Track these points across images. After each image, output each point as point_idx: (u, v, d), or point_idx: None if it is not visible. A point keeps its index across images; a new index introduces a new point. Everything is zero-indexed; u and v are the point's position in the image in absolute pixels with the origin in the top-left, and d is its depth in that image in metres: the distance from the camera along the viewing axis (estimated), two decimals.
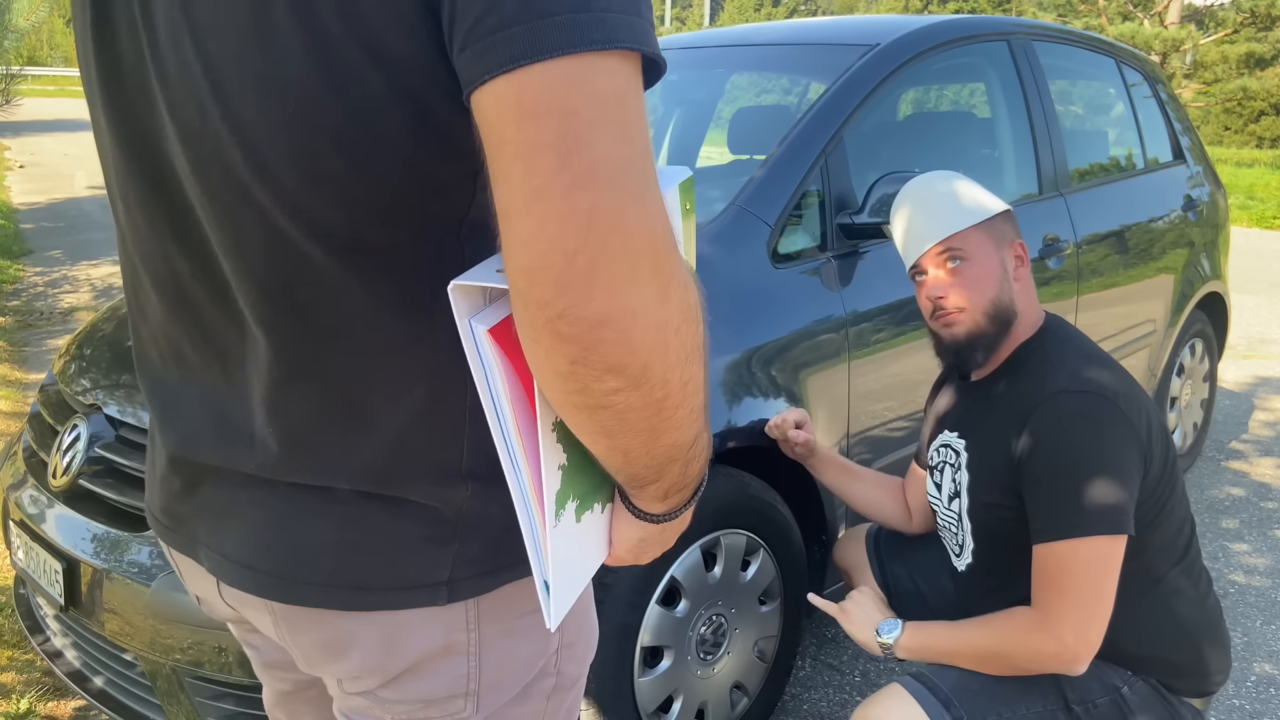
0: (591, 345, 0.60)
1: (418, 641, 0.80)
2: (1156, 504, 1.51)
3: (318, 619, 0.81)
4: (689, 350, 0.66)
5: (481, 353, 0.69)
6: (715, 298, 1.96)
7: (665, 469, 0.74)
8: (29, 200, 9.93)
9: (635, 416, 0.66)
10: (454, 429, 0.76)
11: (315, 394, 0.75)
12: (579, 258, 0.58)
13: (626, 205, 0.59)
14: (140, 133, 0.77)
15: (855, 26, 2.78)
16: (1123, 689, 1.51)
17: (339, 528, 0.77)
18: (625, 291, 0.60)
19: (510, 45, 0.58)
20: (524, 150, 0.58)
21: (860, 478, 1.94)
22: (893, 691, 1.51)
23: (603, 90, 0.59)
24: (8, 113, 9.39)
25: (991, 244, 1.60)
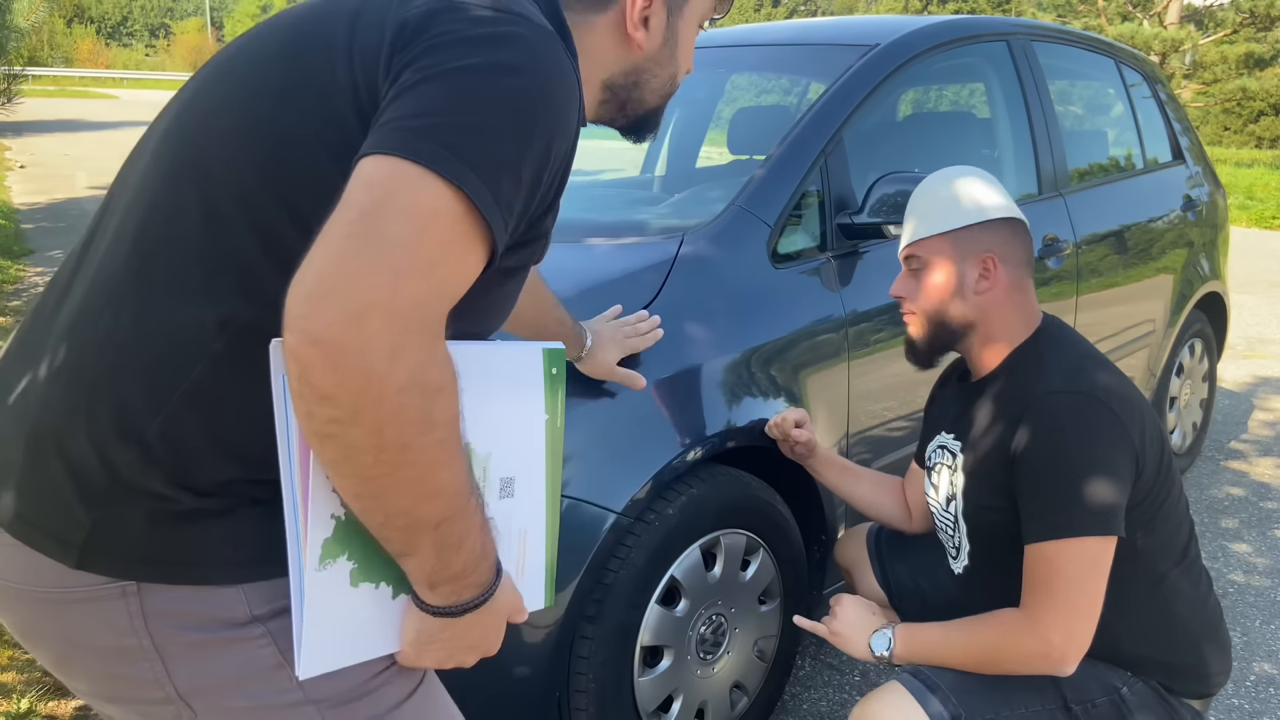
0: (306, 362, 0.71)
1: (87, 630, 0.86)
2: (1152, 506, 1.51)
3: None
4: (414, 418, 0.74)
5: (287, 402, 0.78)
6: (715, 298, 1.97)
7: (412, 541, 0.80)
8: (30, 200, 9.93)
9: (359, 459, 0.74)
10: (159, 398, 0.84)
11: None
12: (322, 284, 0.71)
13: (380, 270, 0.71)
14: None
15: (855, 27, 2.79)
16: (1122, 689, 1.52)
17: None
18: (345, 324, 0.70)
19: (395, 141, 0.76)
20: (344, 205, 0.74)
21: (860, 477, 1.94)
22: (891, 689, 1.51)
23: (421, 201, 0.74)
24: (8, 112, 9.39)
25: (953, 255, 1.61)
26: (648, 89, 1.10)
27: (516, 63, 0.82)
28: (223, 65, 0.95)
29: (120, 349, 0.84)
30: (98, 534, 0.83)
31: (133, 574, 0.84)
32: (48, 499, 0.85)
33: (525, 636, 1.65)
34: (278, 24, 0.95)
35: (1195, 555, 1.59)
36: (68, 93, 34.33)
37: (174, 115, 0.95)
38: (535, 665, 1.67)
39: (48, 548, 0.85)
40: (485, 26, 0.83)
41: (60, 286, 0.94)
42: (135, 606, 0.84)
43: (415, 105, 0.78)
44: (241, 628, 0.86)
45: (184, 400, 0.83)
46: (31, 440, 0.86)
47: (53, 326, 0.90)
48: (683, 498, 1.80)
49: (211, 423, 0.84)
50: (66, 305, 0.91)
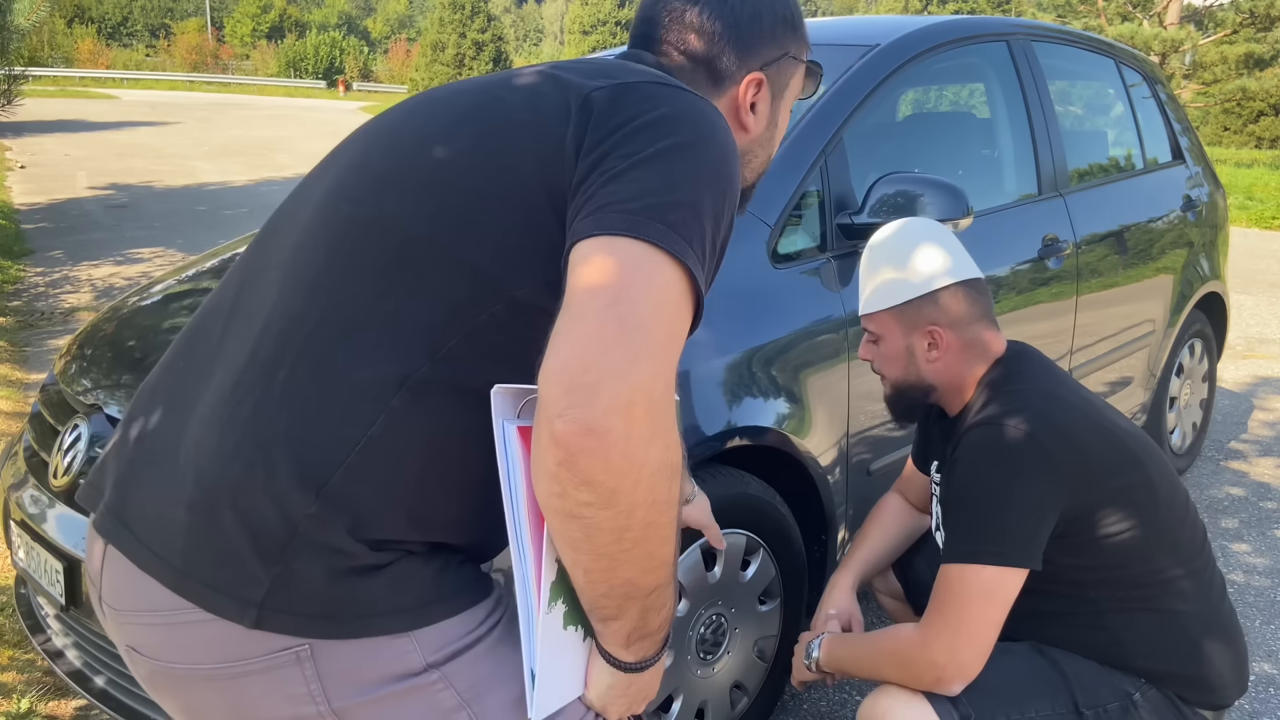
0: (576, 450, 0.73)
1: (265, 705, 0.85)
2: (1138, 530, 1.50)
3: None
4: (659, 498, 0.78)
5: (508, 448, 0.82)
6: (715, 298, 1.97)
7: (624, 606, 0.84)
8: (30, 200, 9.93)
9: (601, 538, 0.77)
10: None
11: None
12: (589, 373, 0.73)
13: (641, 355, 0.75)
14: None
15: (855, 27, 2.79)
16: (1135, 695, 1.52)
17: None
18: (617, 414, 0.73)
19: (623, 222, 0.80)
20: (587, 290, 0.76)
21: (884, 541, 1.92)
22: (901, 686, 1.51)
23: (659, 282, 0.79)
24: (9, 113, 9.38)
25: (900, 329, 1.64)
26: (749, 168, 1.16)
27: (704, 137, 0.88)
28: (387, 132, 0.98)
29: (300, 404, 0.84)
30: (276, 590, 0.82)
31: (310, 631, 0.83)
32: (222, 556, 0.83)
33: None
34: (446, 95, 0.99)
35: (1204, 566, 1.58)
36: (68, 93, 34.34)
37: (336, 178, 0.97)
38: None
39: (223, 607, 0.83)
40: (666, 105, 0.89)
41: (211, 338, 0.94)
42: (311, 671, 0.84)
43: (632, 188, 0.82)
44: (418, 676, 0.86)
45: (362, 454, 0.83)
46: (203, 497, 0.84)
47: (210, 379, 0.89)
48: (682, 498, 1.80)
49: (387, 477, 0.84)
50: (224, 357, 0.90)
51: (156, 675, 0.88)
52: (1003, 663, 1.50)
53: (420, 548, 0.87)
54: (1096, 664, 1.54)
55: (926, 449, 1.85)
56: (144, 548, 0.86)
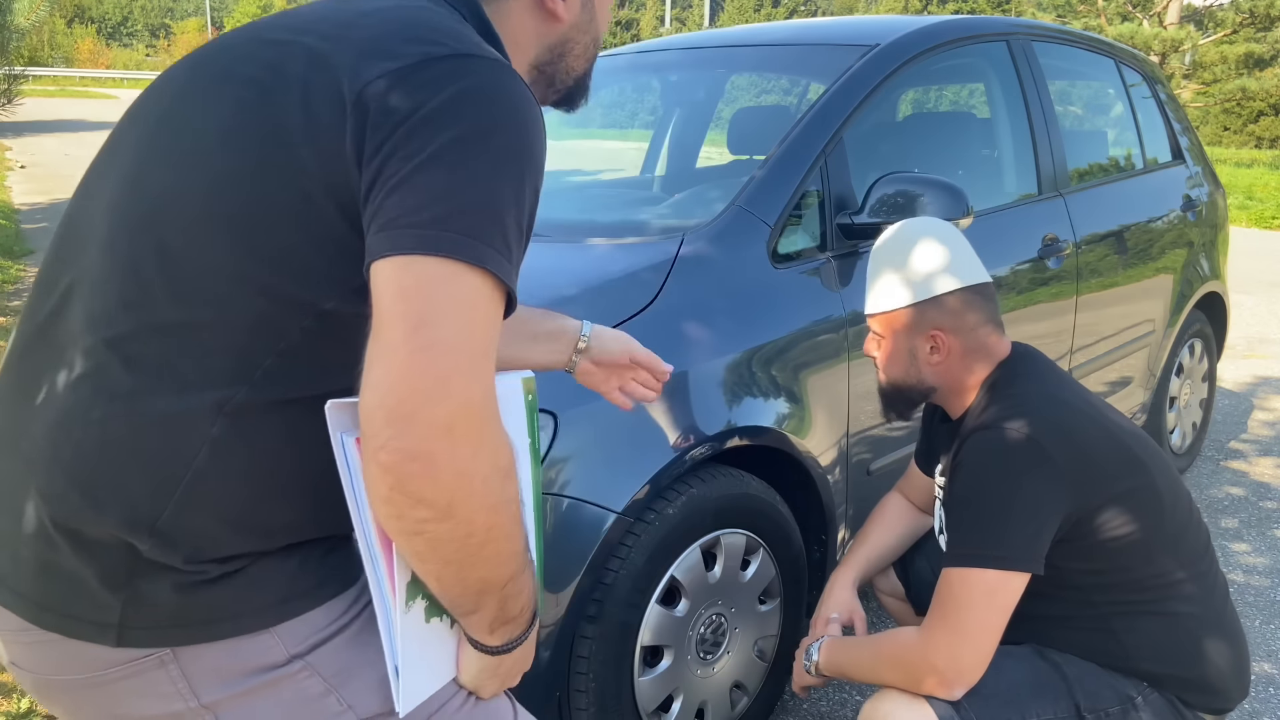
0: (404, 476, 0.75)
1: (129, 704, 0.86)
2: (1140, 534, 1.50)
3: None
4: (495, 500, 0.79)
5: (349, 460, 0.83)
6: (715, 297, 1.97)
7: (481, 601, 0.86)
8: (30, 200, 9.93)
9: (446, 548, 0.79)
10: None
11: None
12: (405, 404, 0.74)
13: (453, 377, 0.75)
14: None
15: (855, 27, 2.79)
16: (1136, 699, 1.52)
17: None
18: (435, 438, 0.75)
19: (415, 240, 0.78)
20: (391, 318, 0.76)
21: (884, 541, 1.93)
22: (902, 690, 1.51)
23: (461, 294, 0.78)
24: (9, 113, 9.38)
25: (903, 331, 1.64)
26: (573, 57, 1.11)
27: (494, 119, 0.83)
28: (161, 132, 0.92)
29: (117, 445, 0.83)
30: (130, 611, 0.84)
31: (169, 640, 0.84)
32: (71, 587, 0.85)
33: None
34: (214, 78, 0.91)
35: (1207, 570, 1.58)
36: (68, 93, 34.33)
37: (115, 198, 0.91)
38: (535, 665, 1.67)
39: (83, 632, 0.85)
40: (448, 86, 0.83)
41: (29, 366, 0.91)
42: (176, 672, 0.85)
43: (417, 197, 0.79)
44: (282, 668, 0.87)
45: (189, 488, 0.83)
46: (41, 534, 0.85)
47: (33, 410, 0.88)
48: (683, 498, 1.80)
49: (221, 504, 0.84)
50: (44, 389, 0.88)
51: (39, 686, 0.91)
52: (1004, 666, 1.50)
53: (272, 550, 0.87)
54: (1098, 667, 1.54)
55: (930, 451, 1.85)
56: (4, 586, 0.88)
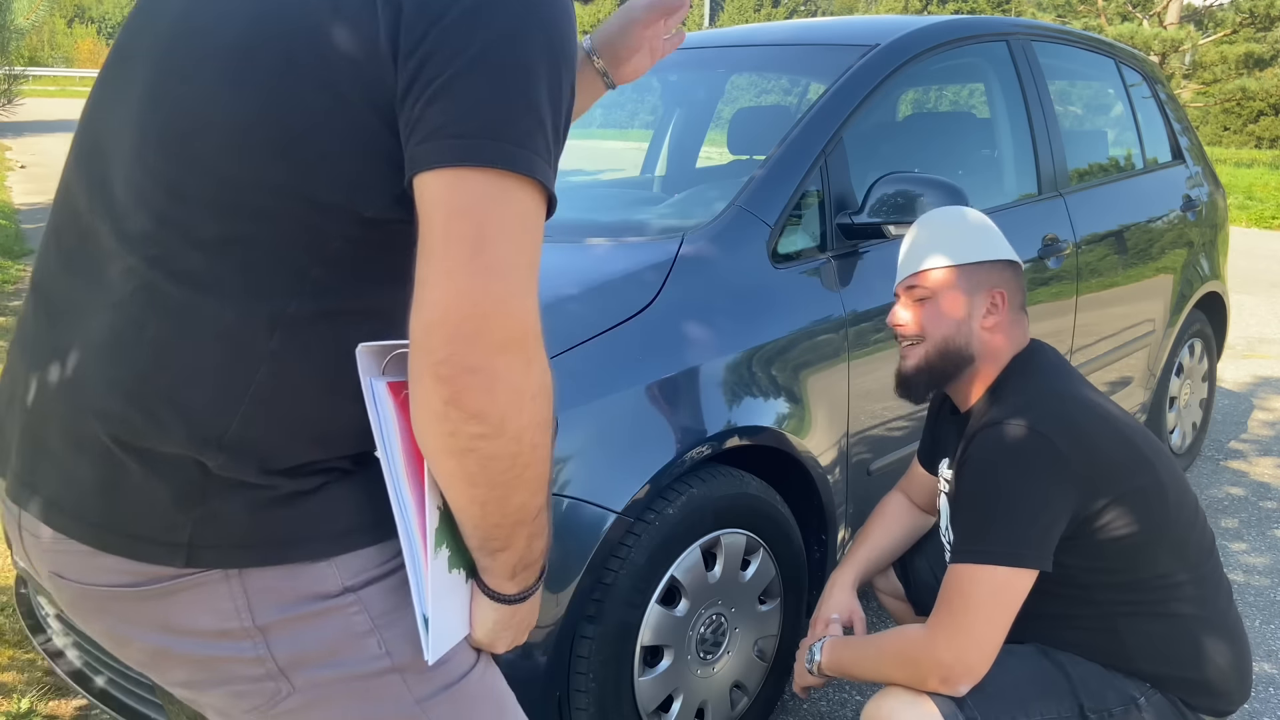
0: (462, 388, 0.77)
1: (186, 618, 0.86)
2: (1147, 533, 1.50)
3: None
4: (541, 419, 0.82)
5: (379, 404, 0.85)
6: (715, 297, 1.97)
7: (514, 533, 0.87)
8: (30, 200, 9.93)
9: (495, 466, 0.81)
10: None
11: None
12: (467, 323, 0.77)
13: (512, 295, 0.78)
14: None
15: (855, 27, 2.79)
16: (1139, 699, 1.52)
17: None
18: (495, 354, 0.77)
19: (465, 150, 0.78)
20: (446, 238, 0.77)
21: (883, 544, 1.93)
22: (906, 687, 1.51)
23: (512, 209, 0.79)
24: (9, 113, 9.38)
25: (962, 286, 1.64)
26: None
27: (532, 14, 0.81)
28: (179, 38, 0.88)
29: (177, 362, 0.83)
30: (200, 530, 0.84)
31: (237, 561, 0.85)
32: (139, 507, 0.84)
33: None
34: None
35: (1211, 572, 1.58)
36: (68, 93, 34.33)
37: (143, 101, 0.88)
38: (535, 665, 1.67)
39: (150, 554, 0.84)
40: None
41: (56, 287, 0.91)
42: (238, 588, 0.85)
43: (461, 105, 0.78)
44: (335, 598, 0.88)
45: (254, 401, 0.83)
46: (104, 453, 0.84)
47: (75, 333, 0.88)
48: (683, 497, 1.80)
49: (286, 416, 0.85)
50: (88, 310, 0.87)
51: (81, 598, 0.90)
52: (1008, 664, 1.50)
53: (344, 464, 0.88)
54: (1101, 667, 1.54)
55: (935, 448, 1.85)
56: (57, 510, 0.87)
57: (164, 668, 0.90)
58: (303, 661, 0.88)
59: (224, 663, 0.87)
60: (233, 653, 0.87)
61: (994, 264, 1.65)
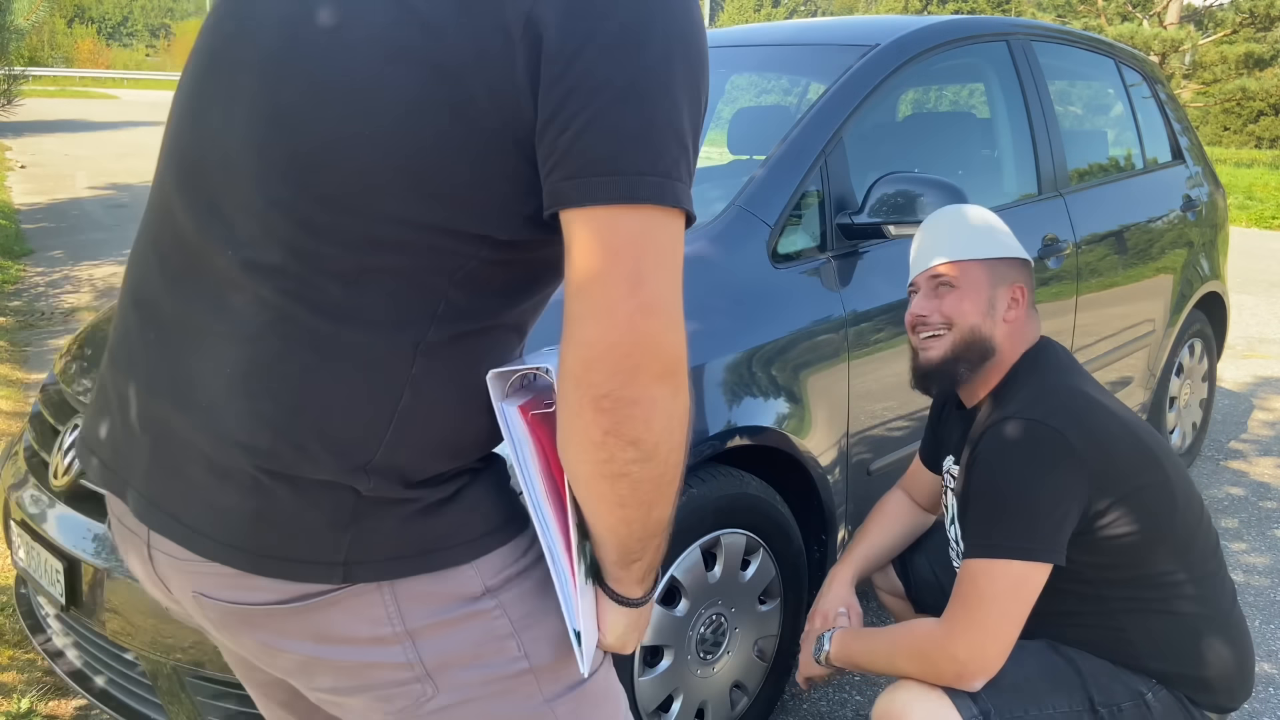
0: (623, 419, 0.80)
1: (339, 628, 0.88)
2: (1152, 530, 1.50)
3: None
4: (684, 439, 0.86)
5: (512, 428, 0.88)
6: (715, 297, 1.97)
7: (649, 545, 0.90)
8: (30, 201, 9.93)
9: (645, 488, 0.84)
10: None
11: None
12: (629, 359, 0.79)
13: (667, 330, 0.81)
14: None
15: (855, 27, 2.79)
16: (1147, 695, 1.52)
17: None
18: (653, 385, 0.80)
19: (619, 189, 0.79)
20: (604, 276, 0.79)
21: (882, 542, 1.93)
22: (920, 681, 1.51)
23: (664, 242, 0.81)
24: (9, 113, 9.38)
25: (987, 280, 1.65)
26: None
27: (673, 38, 0.81)
28: (292, 53, 0.84)
29: (321, 391, 0.83)
30: (355, 549, 0.85)
31: (390, 573, 0.87)
32: (293, 532, 0.85)
33: None
34: (342, 13, 0.83)
35: (1215, 571, 1.58)
36: (68, 93, 34.34)
37: (257, 122, 0.85)
38: None
39: (308, 574, 0.86)
40: (621, 4, 0.79)
41: (170, 315, 0.88)
42: (389, 596, 0.87)
43: (610, 142, 0.79)
44: (478, 601, 0.90)
45: (396, 428, 0.85)
46: (252, 483, 0.84)
47: (203, 363, 0.86)
48: (682, 497, 1.80)
49: (428, 434, 0.86)
50: (216, 340, 0.86)
51: (229, 616, 0.90)
52: (1020, 658, 1.51)
53: (477, 464, 0.91)
54: (1109, 663, 1.54)
55: (938, 445, 1.85)
56: (203, 537, 0.87)
57: (312, 675, 0.91)
58: (449, 664, 0.90)
59: (374, 668, 0.89)
60: (384, 658, 0.89)
61: (1015, 261, 1.69)
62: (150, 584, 0.98)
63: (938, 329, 1.66)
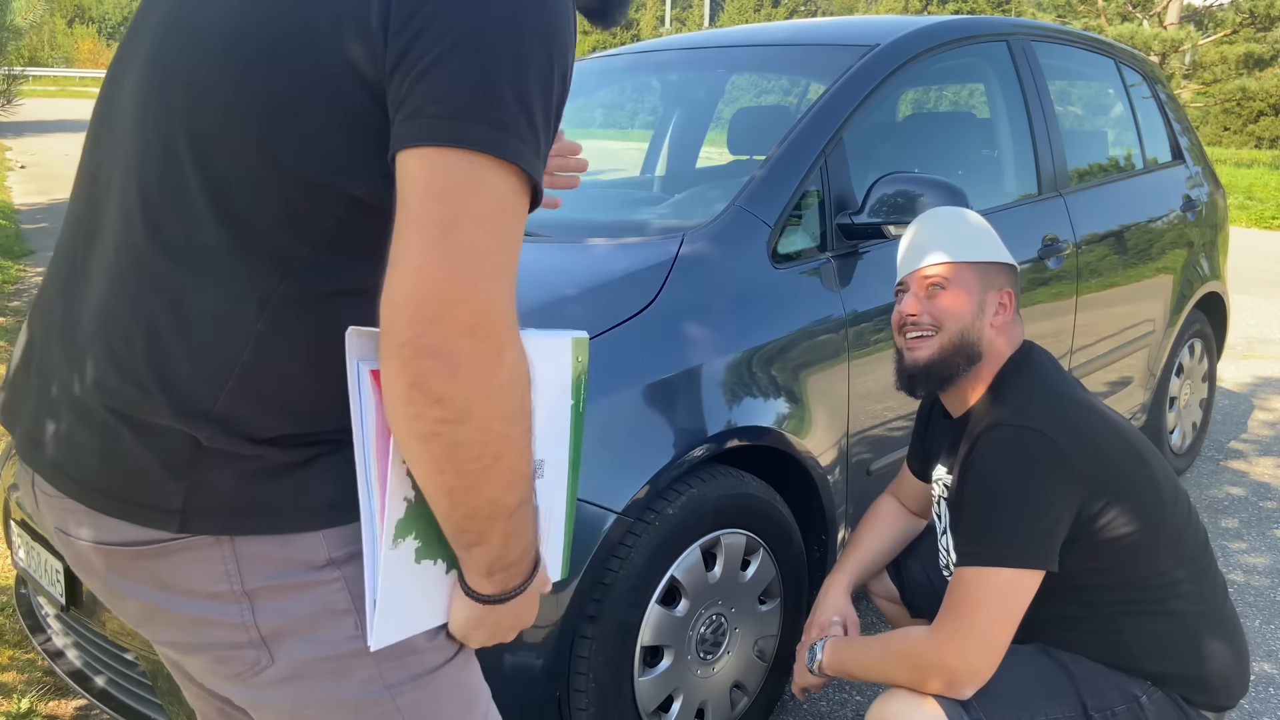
0: (425, 371, 0.76)
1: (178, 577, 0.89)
2: (1144, 532, 1.50)
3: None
4: (513, 409, 0.81)
5: (361, 389, 0.85)
6: (715, 298, 1.97)
7: (488, 529, 0.85)
8: (30, 201, 9.93)
9: (462, 454, 0.80)
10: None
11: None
12: (430, 305, 0.76)
13: (479, 281, 0.77)
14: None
15: (855, 27, 2.79)
16: (1141, 698, 1.52)
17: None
18: (459, 338, 0.76)
19: (445, 131, 0.77)
20: (419, 219, 0.77)
21: (876, 548, 1.93)
22: (910, 689, 1.51)
23: (489, 195, 0.78)
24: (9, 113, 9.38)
25: (978, 283, 1.65)
26: None
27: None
28: (179, 25, 0.90)
29: (166, 340, 0.85)
30: (193, 498, 0.86)
31: (229, 528, 0.87)
32: (134, 474, 0.87)
33: (525, 636, 1.66)
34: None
35: (1207, 568, 1.59)
36: (68, 93, 34.34)
37: (146, 73, 0.91)
38: (535, 665, 1.67)
39: (145, 518, 0.87)
40: None
41: (73, 252, 0.94)
42: (229, 552, 0.87)
43: (446, 85, 0.77)
44: (319, 570, 0.89)
45: (239, 380, 0.85)
46: (102, 421, 0.87)
47: (83, 302, 0.90)
48: (683, 498, 1.80)
49: (273, 392, 0.86)
50: (91, 282, 0.90)
51: (83, 554, 0.93)
52: (1012, 665, 1.50)
53: (340, 436, 0.89)
54: (1103, 666, 1.54)
55: (926, 455, 1.85)
56: (63, 474, 0.91)
57: (155, 625, 0.93)
58: (284, 632, 0.89)
59: (211, 625, 0.89)
60: (220, 615, 0.89)
61: (1004, 266, 1.69)
62: (38, 522, 1.01)
63: (927, 330, 1.65)
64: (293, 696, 0.92)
